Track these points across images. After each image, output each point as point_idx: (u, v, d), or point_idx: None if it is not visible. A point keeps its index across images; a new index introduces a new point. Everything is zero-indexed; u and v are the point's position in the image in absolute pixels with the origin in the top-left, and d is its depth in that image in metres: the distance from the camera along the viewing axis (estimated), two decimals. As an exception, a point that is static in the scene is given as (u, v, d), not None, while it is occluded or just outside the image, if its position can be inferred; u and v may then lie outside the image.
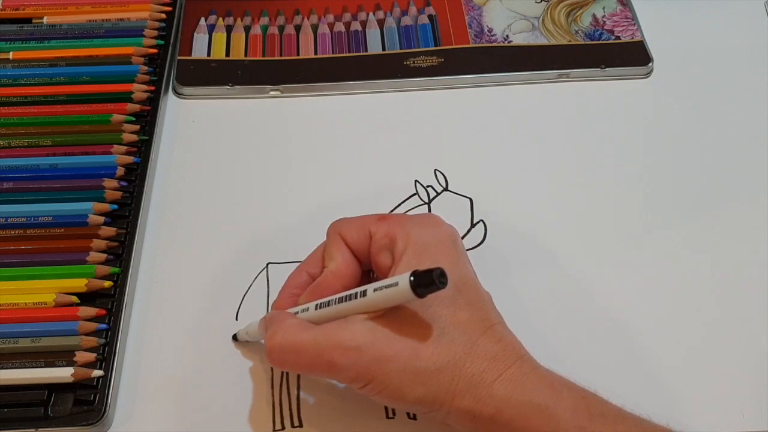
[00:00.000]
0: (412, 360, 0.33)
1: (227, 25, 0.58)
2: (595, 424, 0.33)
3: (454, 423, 0.35)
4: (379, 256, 0.37)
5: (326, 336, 0.35)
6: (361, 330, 0.34)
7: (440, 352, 0.34)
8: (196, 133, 0.52)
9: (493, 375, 0.33)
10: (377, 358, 0.33)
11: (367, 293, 0.34)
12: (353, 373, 0.34)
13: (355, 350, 0.34)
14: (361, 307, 0.35)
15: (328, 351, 0.34)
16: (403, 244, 0.36)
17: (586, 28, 0.58)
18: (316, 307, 0.37)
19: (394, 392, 0.34)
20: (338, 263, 0.38)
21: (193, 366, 0.41)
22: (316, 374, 0.38)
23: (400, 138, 0.52)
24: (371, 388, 0.34)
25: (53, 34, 0.55)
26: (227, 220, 0.47)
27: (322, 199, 0.49)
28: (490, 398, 0.33)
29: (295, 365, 0.36)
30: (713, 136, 0.52)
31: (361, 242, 0.38)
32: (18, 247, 0.44)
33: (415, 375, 0.33)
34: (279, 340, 0.35)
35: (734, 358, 0.41)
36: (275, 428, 0.39)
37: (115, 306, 0.42)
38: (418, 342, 0.34)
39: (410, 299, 0.33)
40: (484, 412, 0.33)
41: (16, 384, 0.39)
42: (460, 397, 0.33)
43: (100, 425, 0.39)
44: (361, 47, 0.56)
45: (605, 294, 0.44)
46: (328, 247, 0.38)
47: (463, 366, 0.33)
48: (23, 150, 0.48)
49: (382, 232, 0.37)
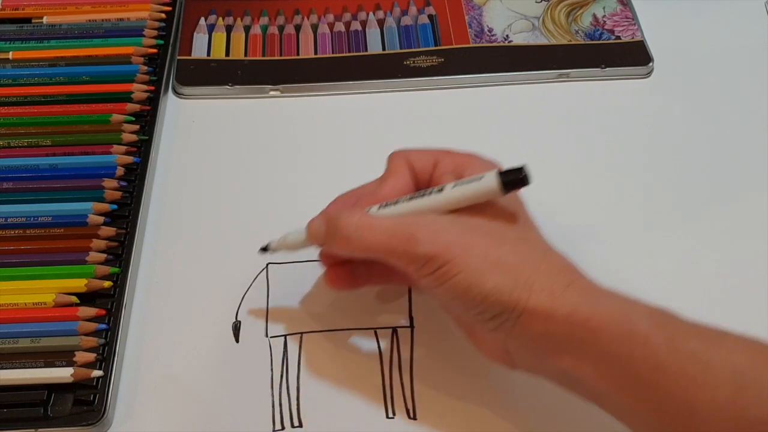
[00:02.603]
0: (492, 250, 0.33)
1: (227, 24, 0.58)
2: (668, 328, 0.33)
3: (523, 334, 0.33)
4: (442, 179, 0.37)
5: (404, 218, 0.35)
6: (442, 216, 0.35)
7: (518, 250, 0.34)
8: (196, 133, 0.52)
9: (566, 281, 0.33)
10: (458, 242, 0.33)
11: (444, 189, 0.35)
12: (433, 249, 0.33)
13: (437, 231, 0.34)
14: (434, 204, 0.35)
15: (408, 227, 0.34)
16: (470, 172, 0.36)
17: (586, 27, 0.58)
18: (380, 206, 0.37)
19: (471, 276, 0.33)
20: (399, 177, 0.38)
21: (193, 366, 0.41)
22: (388, 253, 0.35)
23: (400, 138, 0.51)
24: (447, 271, 0.33)
25: (53, 34, 0.55)
26: (227, 220, 0.47)
27: (322, 198, 0.48)
28: (567, 298, 0.33)
29: (370, 243, 0.35)
30: (713, 136, 0.52)
31: (425, 168, 0.38)
32: (18, 247, 0.44)
33: (496, 263, 0.33)
34: (356, 219, 0.35)
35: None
36: (275, 428, 0.39)
37: (115, 306, 0.42)
38: (499, 237, 0.34)
39: (493, 195, 0.34)
40: (559, 311, 0.32)
41: (16, 384, 0.39)
42: (537, 293, 0.33)
43: (100, 425, 0.39)
44: (361, 47, 0.56)
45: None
46: (390, 166, 0.38)
47: (540, 266, 0.34)
48: (23, 150, 0.48)
49: (448, 159, 0.37)
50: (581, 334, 0.32)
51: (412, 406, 0.40)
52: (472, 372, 0.41)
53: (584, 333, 0.32)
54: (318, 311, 0.43)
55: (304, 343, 0.42)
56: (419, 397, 0.40)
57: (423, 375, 0.41)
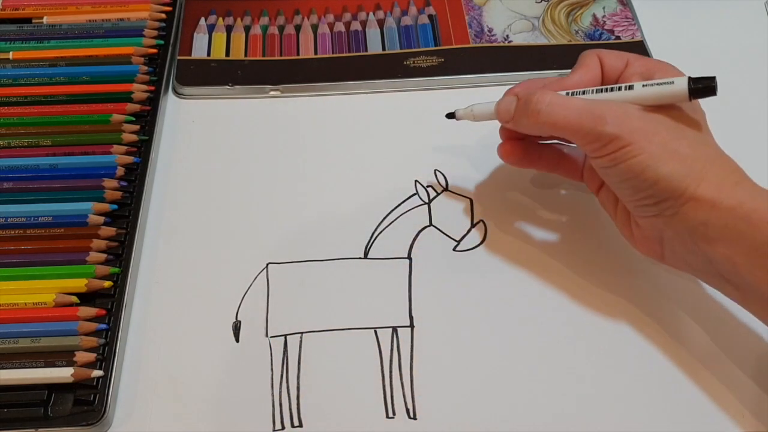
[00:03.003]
0: (672, 141, 0.37)
1: (227, 25, 0.58)
2: None
3: (682, 223, 0.37)
4: (631, 79, 0.39)
5: (594, 101, 0.38)
6: (629, 106, 0.38)
7: (696, 146, 0.37)
8: (196, 133, 0.52)
9: (735, 179, 0.37)
10: (642, 129, 0.37)
11: (634, 87, 0.38)
12: (619, 130, 0.36)
13: (624, 115, 0.37)
14: (622, 99, 0.38)
15: (599, 107, 0.37)
16: (659, 76, 0.38)
17: (586, 28, 0.58)
18: (567, 93, 0.40)
19: (649, 159, 0.36)
20: (590, 69, 0.41)
21: (193, 366, 0.41)
22: (574, 131, 0.38)
23: (400, 138, 0.52)
24: (627, 152, 0.36)
25: (53, 34, 0.55)
26: (227, 220, 0.47)
27: (321, 198, 0.49)
28: (734, 192, 0.36)
29: (561, 120, 0.38)
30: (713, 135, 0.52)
31: (616, 66, 0.41)
32: (18, 247, 0.44)
33: (673, 152, 0.36)
34: (549, 97, 0.38)
35: (735, 359, 0.41)
36: (275, 428, 0.39)
37: (115, 306, 0.42)
38: (679, 132, 0.37)
39: (681, 99, 0.37)
40: (725, 204, 0.36)
41: (16, 384, 0.39)
42: (707, 184, 0.36)
43: (100, 425, 0.39)
44: (361, 47, 0.56)
45: (605, 293, 0.44)
46: (581, 60, 0.41)
47: (714, 162, 0.37)
48: (23, 150, 0.48)
49: (640, 63, 0.40)
50: (742, 227, 0.35)
51: (412, 406, 0.40)
52: (472, 372, 0.41)
53: (745, 225, 0.35)
54: (318, 311, 0.43)
55: (304, 343, 0.42)
56: (419, 397, 0.40)
57: (423, 375, 0.41)
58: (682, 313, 0.43)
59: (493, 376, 0.41)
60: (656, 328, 0.43)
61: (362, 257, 0.45)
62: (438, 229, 0.47)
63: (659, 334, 0.42)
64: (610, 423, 0.40)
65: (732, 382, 0.41)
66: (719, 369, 0.41)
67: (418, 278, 0.45)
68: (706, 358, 0.42)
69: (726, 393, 0.40)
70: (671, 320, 0.43)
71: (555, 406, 0.40)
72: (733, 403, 0.40)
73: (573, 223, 0.47)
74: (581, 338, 0.42)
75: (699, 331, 0.43)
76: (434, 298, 0.44)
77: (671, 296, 0.44)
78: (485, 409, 0.40)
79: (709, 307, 0.44)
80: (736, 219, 0.35)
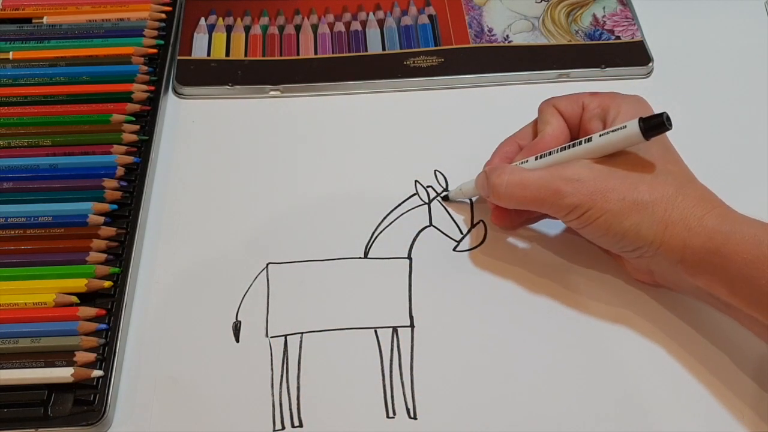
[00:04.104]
0: (630, 192, 0.38)
1: (227, 25, 0.57)
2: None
3: (663, 260, 0.39)
4: (590, 123, 0.42)
5: (550, 172, 0.40)
6: (583, 167, 0.39)
7: (655, 188, 0.38)
8: (196, 133, 0.52)
9: (702, 210, 0.38)
10: (599, 189, 0.38)
11: (592, 139, 0.39)
12: (576, 199, 0.39)
13: (578, 181, 0.39)
14: (583, 153, 0.40)
15: (554, 181, 0.39)
16: (615, 113, 0.41)
17: (586, 28, 0.58)
18: (536, 157, 0.42)
19: (612, 218, 0.38)
20: (554, 127, 0.43)
21: (193, 366, 0.41)
22: (538, 205, 0.41)
23: (400, 138, 0.52)
24: (590, 215, 0.39)
25: (53, 34, 0.55)
26: (227, 220, 0.47)
27: (321, 198, 0.49)
28: (701, 228, 0.37)
29: (521, 198, 0.41)
30: (713, 136, 0.52)
31: (573, 112, 0.43)
32: (18, 247, 0.44)
33: (633, 204, 0.38)
34: (507, 177, 0.41)
35: (734, 359, 0.41)
36: (275, 428, 0.39)
37: (115, 306, 0.42)
38: (636, 179, 0.39)
39: (637, 141, 0.38)
40: (695, 242, 0.37)
41: (16, 384, 0.39)
42: (673, 226, 0.37)
43: (100, 425, 0.39)
44: (361, 47, 0.56)
45: (605, 293, 0.44)
46: (543, 117, 0.44)
47: (675, 201, 0.38)
48: (23, 150, 0.48)
49: (595, 103, 0.42)
50: (715, 260, 0.36)
51: (412, 406, 0.40)
52: (472, 372, 0.41)
53: (718, 259, 0.36)
54: (318, 311, 0.43)
55: (304, 343, 0.42)
56: (419, 397, 0.40)
57: (423, 375, 0.41)
58: (682, 313, 0.43)
59: (493, 376, 0.41)
60: (656, 328, 0.43)
61: (362, 257, 0.45)
62: (438, 229, 0.47)
63: (659, 334, 0.42)
64: (610, 423, 0.40)
65: (732, 382, 0.41)
66: (719, 369, 0.41)
67: (418, 278, 0.45)
68: (707, 358, 0.42)
69: (726, 393, 0.40)
70: (671, 320, 0.43)
71: (555, 406, 0.40)
72: (733, 402, 0.40)
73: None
74: (581, 338, 0.42)
75: (699, 331, 0.43)
76: (434, 298, 0.44)
77: (671, 296, 0.44)
78: (485, 409, 0.40)
79: (709, 307, 0.44)
80: (709, 254, 0.37)
